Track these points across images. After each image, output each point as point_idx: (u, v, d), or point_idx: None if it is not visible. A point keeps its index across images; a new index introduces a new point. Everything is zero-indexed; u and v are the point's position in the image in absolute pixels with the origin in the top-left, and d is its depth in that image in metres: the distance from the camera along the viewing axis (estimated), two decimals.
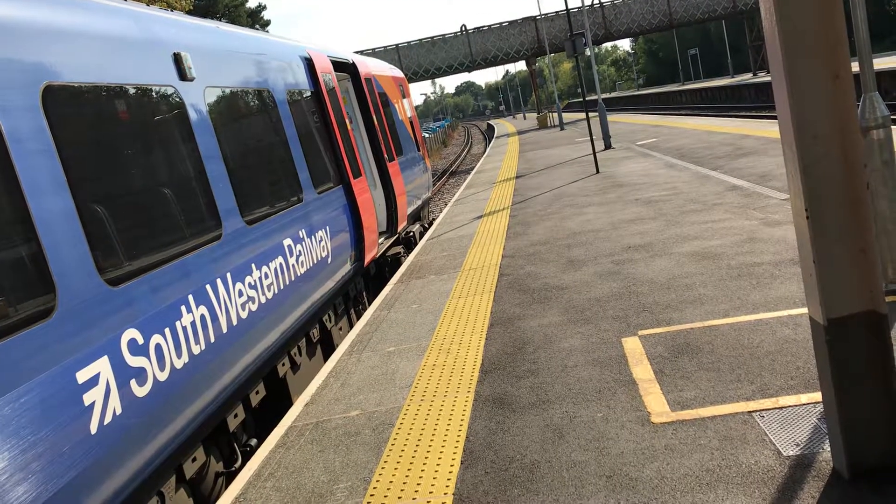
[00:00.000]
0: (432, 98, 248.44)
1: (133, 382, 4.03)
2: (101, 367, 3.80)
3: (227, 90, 6.43)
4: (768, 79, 46.92)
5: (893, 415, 3.25)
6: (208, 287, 5.09)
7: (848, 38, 3.04)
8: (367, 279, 10.53)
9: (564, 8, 19.03)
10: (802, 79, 3.02)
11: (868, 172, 5.23)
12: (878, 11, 61.06)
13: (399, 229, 11.81)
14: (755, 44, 59.06)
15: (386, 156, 11.49)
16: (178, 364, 4.50)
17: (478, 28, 55.67)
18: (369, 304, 10.05)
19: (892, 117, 5.96)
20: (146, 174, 4.96)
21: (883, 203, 5.32)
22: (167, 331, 4.47)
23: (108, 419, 3.78)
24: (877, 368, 3.20)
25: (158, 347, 4.33)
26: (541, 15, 52.72)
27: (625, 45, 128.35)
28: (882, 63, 31.32)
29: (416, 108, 16.69)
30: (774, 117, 27.35)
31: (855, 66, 3.79)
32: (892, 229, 5.39)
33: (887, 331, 3.19)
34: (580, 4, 26.76)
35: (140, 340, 4.17)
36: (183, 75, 5.50)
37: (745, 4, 56.49)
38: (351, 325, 9.15)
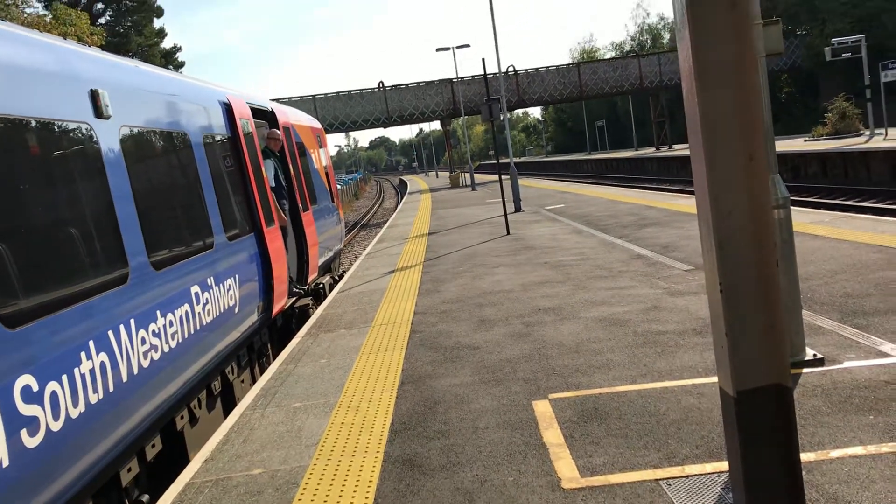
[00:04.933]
0: (346, 150, 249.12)
1: (24, 433, 3.75)
2: None
3: (143, 130, 6.25)
4: (670, 154, 49.25)
5: (795, 485, 3.35)
6: (111, 333, 4.85)
7: None
8: (273, 331, 10.28)
9: (482, 73, 19.53)
10: (719, 158, 3.16)
11: None
12: (770, 99, 65.27)
13: (310, 280, 11.63)
14: (659, 120, 62.05)
15: (300, 205, 11.36)
16: (74, 413, 4.23)
17: (395, 86, 56.44)
18: (274, 357, 9.79)
19: (792, 198, 6.30)
20: (53, 212, 4.72)
21: (783, 279, 5.59)
22: (65, 378, 4.21)
23: None
24: (781, 440, 3.31)
25: (54, 395, 4.06)
26: (457, 78, 53.94)
27: (536, 112, 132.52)
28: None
29: (330, 158, 16.66)
30: (676, 190, 28.68)
31: None
32: (790, 305, 5.66)
33: (792, 404, 3.31)
34: (496, 70, 27.56)
35: (35, 387, 3.91)
36: (99, 113, 5.31)
37: (650, 82, 59.51)
38: (254, 379, 8.87)
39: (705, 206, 3.24)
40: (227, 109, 8.81)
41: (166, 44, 64.05)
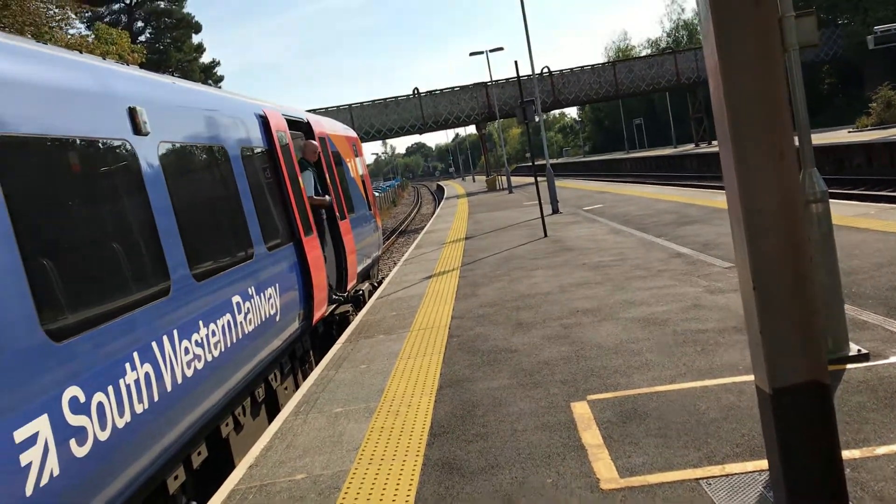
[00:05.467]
0: (383, 158, 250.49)
1: (73, 442, 3.88)
2: (41, 425, 3.67)
3: (182, 145, 6.40)
4: (710, 150, 48.60)
5: (837, 482, 3.32)
6: (154, 344, 4.98)
7: None
8: (314, 337, 10.41)
9: (515, 75, 19.52)
10: (749, 157, 3.14)
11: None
12: (811, 91, 64.12)
13: (349, 288, 11.76)
14: (697, 116, 61.27)
15: (338, 214, 11.50)
16: (120, 423, 4.36)
17: (430, 92, 56.61)
18: (316, 364, 9.92)
19: (835, 191, 6.22)
20: (96, 228, 4.87)
21: (823, 274, 5.51)
22: (110, 388, 4.33)
23: (44, 481, 3.62)
24: (820, 437, 3.27)
25: (101, 406, 4.19)
26: (492, 81, 53.94)
27: (572, 112, 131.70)
28: (815, 139, 32.69)
29: (367, 166, 16.83)
30: (716, 187, 28.30)
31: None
32: (831, 300, 5.57)
33: (830, 400, 3.27)
34: (531, 72, 27.52)
35: (82, 398, 4.04)
36: (137, 130, 5.46)
37: (687, 78, 58.78)
38: (297, 385, 8.99)
39: (736, 204, 3.23)
40: (264, 122, 8.97)
41: (205, 58, 65.25)
